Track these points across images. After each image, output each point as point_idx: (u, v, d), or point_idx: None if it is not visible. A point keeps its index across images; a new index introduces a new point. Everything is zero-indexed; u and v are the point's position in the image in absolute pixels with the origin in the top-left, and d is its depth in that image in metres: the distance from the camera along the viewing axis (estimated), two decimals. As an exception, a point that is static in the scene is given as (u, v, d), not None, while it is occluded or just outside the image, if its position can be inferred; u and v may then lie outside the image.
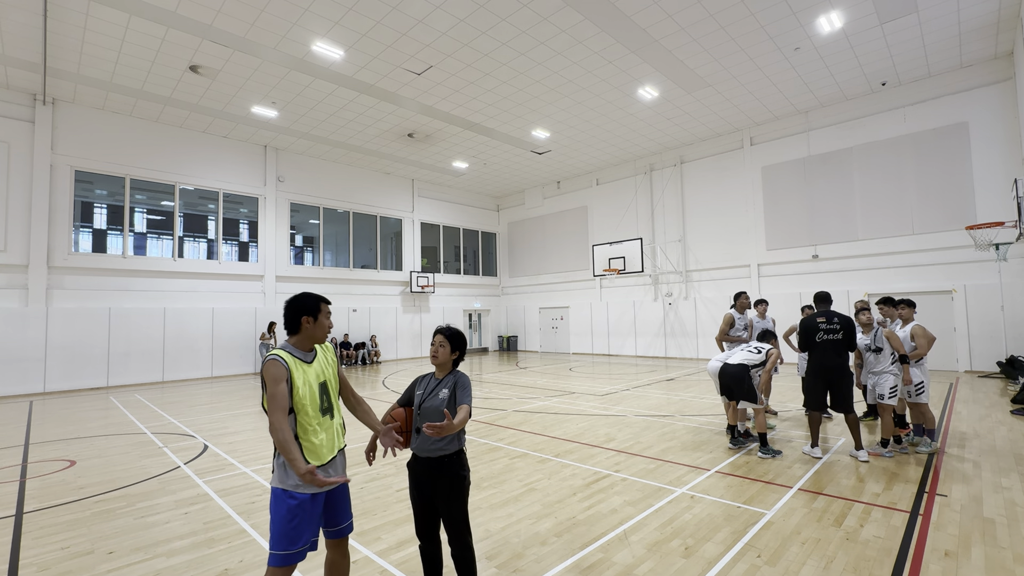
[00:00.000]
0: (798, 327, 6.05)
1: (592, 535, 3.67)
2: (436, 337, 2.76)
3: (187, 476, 5.37)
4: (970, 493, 4.36)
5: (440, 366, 2.74)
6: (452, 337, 2.74)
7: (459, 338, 2.78)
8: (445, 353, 2.72)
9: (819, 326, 5.69)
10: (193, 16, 9.65)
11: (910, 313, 5.99)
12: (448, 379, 2.72)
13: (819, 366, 5.64)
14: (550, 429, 7.21)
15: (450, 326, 2.79)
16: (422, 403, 2.66)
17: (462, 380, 2.71)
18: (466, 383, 2.70)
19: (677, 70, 12.24)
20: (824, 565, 3.17)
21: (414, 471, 2.67)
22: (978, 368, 12.12)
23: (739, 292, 7.42)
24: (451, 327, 2.78)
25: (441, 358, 2.71)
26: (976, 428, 6.70)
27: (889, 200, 13.57)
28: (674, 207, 18.23)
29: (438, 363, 2.72)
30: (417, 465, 2.66)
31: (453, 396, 2.63)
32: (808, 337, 5.76)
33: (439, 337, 2.74)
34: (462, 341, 2.80)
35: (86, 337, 12.94)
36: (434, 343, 2.75)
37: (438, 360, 2.71)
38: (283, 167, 17.19)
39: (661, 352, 18.30)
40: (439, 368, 2.75)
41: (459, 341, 2.78)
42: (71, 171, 13.08)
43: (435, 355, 2.72)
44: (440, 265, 22.45)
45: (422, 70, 11.99)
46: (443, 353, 2.72)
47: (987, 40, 11.21)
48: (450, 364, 2.75)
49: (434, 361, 2.73)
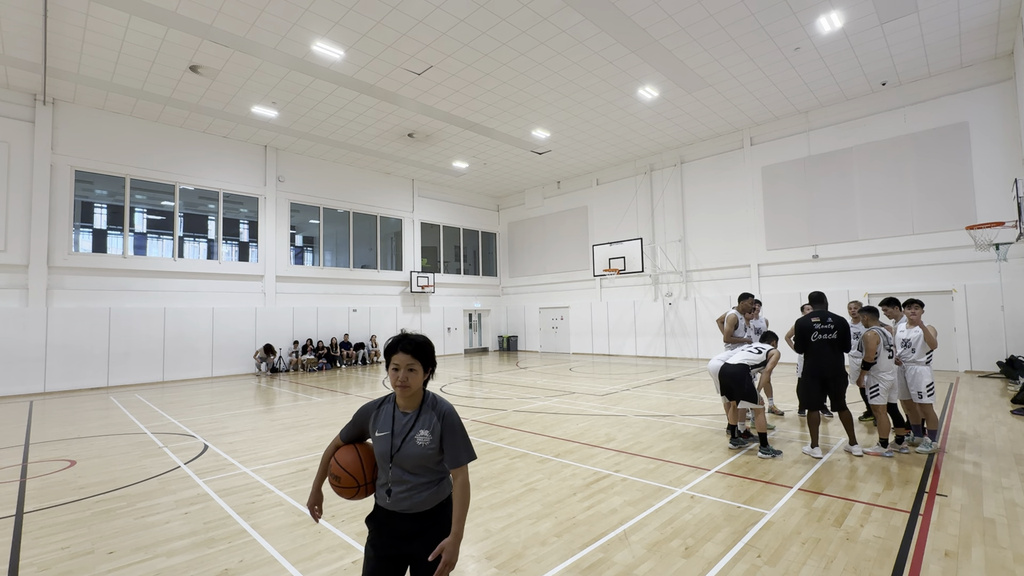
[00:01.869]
0: (793, 328, 6.05)
1: (592, 535, 3.67)
2: (398, 357, 1.93)
3: (187, 476, 5.37)
4: (970, 493, 4.36)
5: (411, 396, 1.99)
6: (420, 351, 1.97)
7: (428, 350, 2.00)
8: (417, 379, 1.96)
9: (814, 326, 5.70)
10: (193, 16, 9.65)
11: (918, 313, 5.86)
12: (426, 414, 1.98)
13: (815, 366, 5.66)
14: (550, 429, 7.21)
15: (412, 335, 2.02)
16: (395, 451, 1.92)
17: (449, 418, 1.98)
18: (456, 423, 1.99)
19: (677, 70, 12.24)
20: (824, 565, 3.17)
21: (380, 530, 1.97)
22: (978, 368, 12.11)
23: (745, 294, 7.38)
24: (415, 336, 2.01)
25: (413, 386, 1.95)
26: (976, 428, 6.70)
27: (889, 200, 13.57)
28: (674, 207, 18.23)
29: (409, 394, 1.97)
30: (385, 522, 1.96)
31: (440, 443, 1.95)
32: (803, 337, 5.77)
33: (404, 357, 1.93)
34: (431, 352, 2.03)
35: (86, 337, 12.94)
36: (397, 365, 1.93)
37: (409, 391, 1.95)
38: (283, 167, 17.19)
39: (661, 352, 18.30)
40: (407, 400, 2.00)
41: (429, 354, 2.00)
42: (71, 171, 13.07)
43: (404, 384, 1.93)
44: (440, 265, 22.44)
45: (422, 70, 11.99)
46: (414, 380, 1.94)
47: (987, 40, 11.20)
48: (422, 390, 2.04)
49: (404, 393, 1.96)
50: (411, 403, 2.01)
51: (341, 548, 3.56)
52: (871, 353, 5.60)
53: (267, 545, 3.64)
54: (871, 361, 5.62)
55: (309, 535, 3.79)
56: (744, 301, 7.25)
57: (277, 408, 9.67)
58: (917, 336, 5.76)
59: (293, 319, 16.97)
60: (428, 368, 2.02)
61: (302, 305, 17.35)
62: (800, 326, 5.82)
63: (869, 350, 5.61)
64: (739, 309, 7.26)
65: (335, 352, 17.70)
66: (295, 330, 16.99)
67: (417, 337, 2.01)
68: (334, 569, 3.27)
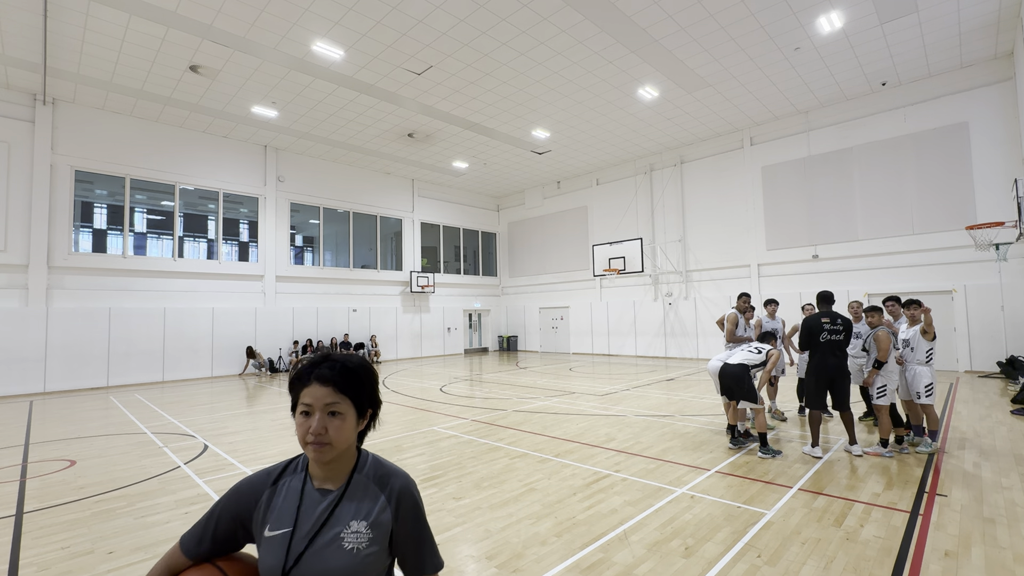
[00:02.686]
0: (800, 327, 6.02)
1: (592, 535, 3.67)
2: (311, 392, 1.21)
3: (187, 476, 5.37)
4: (970, 493, 4.36)
5: (334, 460, 1.25)
6: (350, 382, 1.24)
7: (362, 379, 1.28)
8: (344, 432, 1.22)
9: (823, 326, 5.68)
10: (193, 16, 9.65)
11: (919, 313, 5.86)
12: (362, 492, 1.25)
13: (822, 366, 5.66)
14: (550, 429, 7.21)
15: (337, 355, 1.29)
16: (296, 562, 1.16)
17: (407, 499, 1.27)
18: (419, 507, 1.28)
19: (677, 70, 12.24)
20: (824, 565, 3.17)
21: None
22: (978, 368, 12.11)
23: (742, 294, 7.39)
24: (342, 358, 1.28)
25: (337, 443, 1.21)
26: (976, 428, 6.70)
27: (889, 200, 13.57)
28: (674, 207, 18.22)
29: (330, 457, 1.22)
30: None
31: (388, 545, 1.24)
32: (812, 337, 5.74)
33: (321, 392, 1.21)
34: (371, 384, 1.31)
35: (86, 337, 12.93)
36: (309, 406, 1.21)
37: (330, 451, 1.20)
38: (283, 167, 17.18)
39: (661, 352, 18.29)
40: (328, 468, 1.26)
41: (365, 387, 1.28)
42: (71, 171, 13.07)
43: (320, 438, 1.19)
44: (440, 265, 22.44)
45: (422, 70, 11.99)
46: (339, 432, 1.21)
47: (987, 40, 11.20)
48: (355, 450, 1.31)
49: (321, 455, 1.20)
50: (334, 473, 1.26)
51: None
52: (885, 352, 5.58)
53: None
54: (884, 360, 5.60)
55: (309, 535, 3.78)
56: (739, 300, 7.27)
57: (277, 408, 9.67)
58: (916, 336, 5.76)
59: (293, 319, 16.97)
60: (365, 411, 1.28)
61: (302, 305, 17.35)
62: (809, 325, 5.78)
63: (883, 349, 5.58)
64: (738, 308, 7.26)
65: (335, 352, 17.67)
66: (295, 330, 16.99)
67: (347, 359, 1.27)
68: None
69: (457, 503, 4.37)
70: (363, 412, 1.29)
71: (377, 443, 6.54)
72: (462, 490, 4.70)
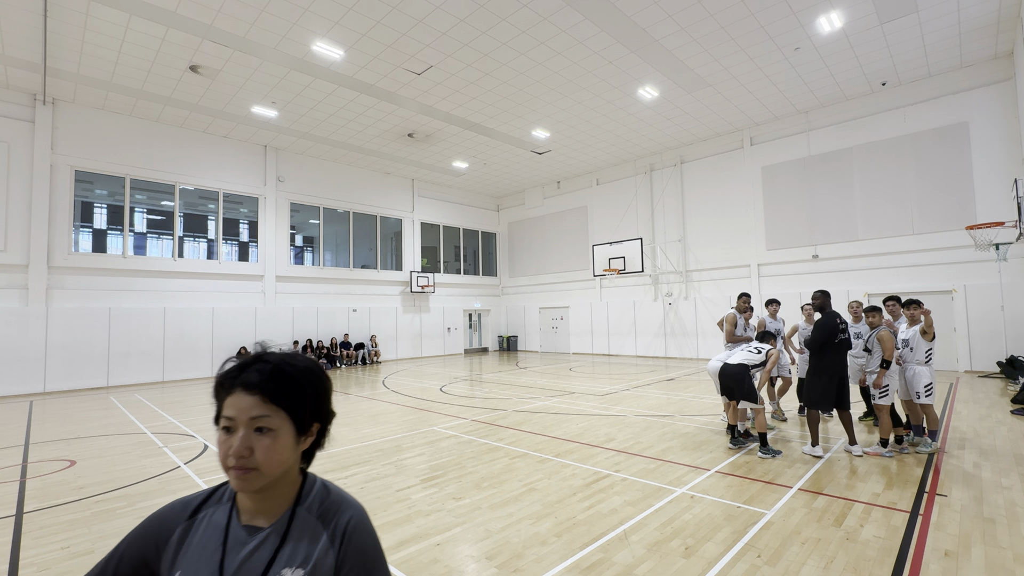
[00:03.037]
0: (817, 326, 5.87)
1: (592, 535, 3.67)
2: (233, 401, 0.96)
3: (187, 476, 5.37)
4: (970, 493, 4.36)
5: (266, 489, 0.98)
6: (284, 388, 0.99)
7: (303, 384, 1.02)
8: (277, 452, 0.96)
9: (839, 326, 5.68)
10: (193, 16, 9.65)
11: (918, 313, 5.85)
12: (302, 531, 0.99)
13: (836, 366, 5.66)
14: (550, 429, 7.21)
15: (268, 353, 1.04)
16: None
17: (359, 539, 1.01)
18: (375, 548, 1.02)
19: (677, 70, 12.24)
20: (824, 565, 3.17)
21: None
22: (978, 368, 12.11)
23: (742, 294, 7.40)
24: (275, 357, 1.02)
25: (267, 468, 0.95)
26: (976, 428, 6.70)
27: (889, 200, 13.57)
28: (674, 207, 18.22)
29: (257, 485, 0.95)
30: None
31: None
32: (829, 336, 5.69)
33: (246, 401, 0.95)
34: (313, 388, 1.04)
35: (86, 337, 12.93)
36: (232, 420, 0.95)
37: (257, 479, 0.94)
38: (283, 167, 17.18)
39: (661, 352, 18.29)
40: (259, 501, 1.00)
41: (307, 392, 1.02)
42: (71, 171, 13.07)
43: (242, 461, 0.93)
44: (440, 265, 22.44)
45: (422, 70, 11.99)
46: (270, 454, 0.95)
47: (987, 40, 11.20)
48: (299, 476, 1.05)
49: (246, 483, 0.94)
50: (268, 505, 1.00)
51: (341, 548, 3.56)
52: (890, 352, 5.57)
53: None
54: (891, 360, 5.60)
55: (309, 535, 3.78)
56: (739, 300, 7.28)
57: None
58: (916, 336, 5.77)
59: (293, 319, 16.97)
60: (308, 426, 1.02)
61: (302, 305, 17.35)
62: (831, 325, 5.70)
63: (887, 349, 5.58)
64: (737, 308, 7.26)
65: (335, 352, 17.70)
66: (295, 330, 16.99)
67: (284, 360, 1.02)
68: (334, 569, 3.26)
69: (457, 503, 4.37)
70: (304, 428, 1.01)
71: (377, 443, 6.54)
72: (462, 490, 4.70)
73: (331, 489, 1.07)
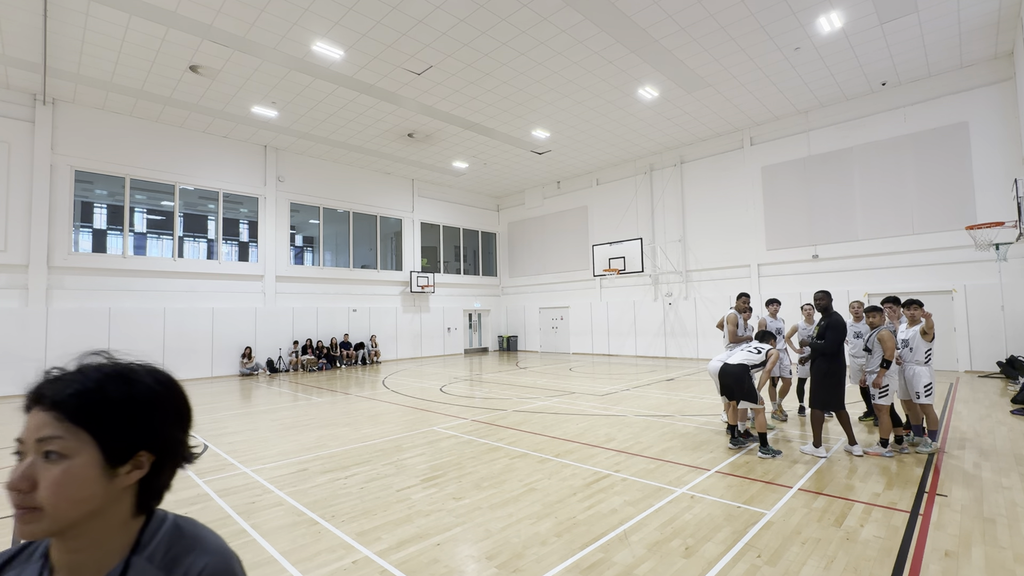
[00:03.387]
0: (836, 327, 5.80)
1: (592, 535, 3.67)
2: (29, 416, 0.76)
3: (187, 476, 5.36)
4: (970, 493, 4.36)
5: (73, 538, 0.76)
6: (90, 402, 0.76)
7: (119, 399, 0.79)
8: (69, 484, 0.72)
9: (850, 327, 5.70)
10: (193, 16, 9.65)
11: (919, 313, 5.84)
12: None
13: (844, 366, 5.70)
14: (550, 429, 7.21)
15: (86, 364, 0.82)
16: None
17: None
18: None
19: (677, 70, 12.24)
20: (824, 565, 3.17)
21: None
22: (978, 368, 12.11)
23: (741, 294, 7.40)
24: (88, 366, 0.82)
25: (52, 505, 0.71)
26: (976, 428, 6.70)
27: (889, 200, 13.57)
28: (674, 207, 18.22)
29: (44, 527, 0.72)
30: None
31: None
32: (843, 337, 5.73)
33: (40, 416, 0.75)
34: (141, 405, 0.81)
35: (86, 337, 12.92)
36: (23, 444, 0.75)
37: (43, 518, 0.71)
38: (283, 167, 17.18)
39: (661, 352, 18.29)
40: (74, 551, 0.77)
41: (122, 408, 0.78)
42: (71, 171, 13.07)
43: (20, 498, 0.71)
44: (440, 265, 22.44)
45: (422, 70, 11.99)
46: (59, 488, 0.72)
47: (987, 40, 11.20)
48: (134, 515, 0.83)
49: (26, 524, 0.71)
50: (87, 558, 0.78)
51: (341, 548, 3.56)
52: (891, 351, 5.58)
53: (267, 545, 3.63)
54: (891, 359, 5.60)
55: (309, 535, 3.79)
56: (739, 300, 7.28)
57: (277, 408, 9.67)
58: (915, 336, 5.77)
59: (293, 319, 16.96)
60: (127, 455, 0.79)
61: (302, 305, 17.35)
62: (844, 326, 5.74)
63: (888, 349, 5.58)
64: (737, 308, 7.27)
65: (335, 352, 17.70)
66: (295, 330, 16.99)
67: (99, 367, 0.82)
68: (334, 569, 3.27)
69: (457, 503, 4.37)
70: (119, 456, 0.77)
71: (377, 443, 6.54)
72: (462, 490, 4.70)
73: (185, 530, 0.84)
